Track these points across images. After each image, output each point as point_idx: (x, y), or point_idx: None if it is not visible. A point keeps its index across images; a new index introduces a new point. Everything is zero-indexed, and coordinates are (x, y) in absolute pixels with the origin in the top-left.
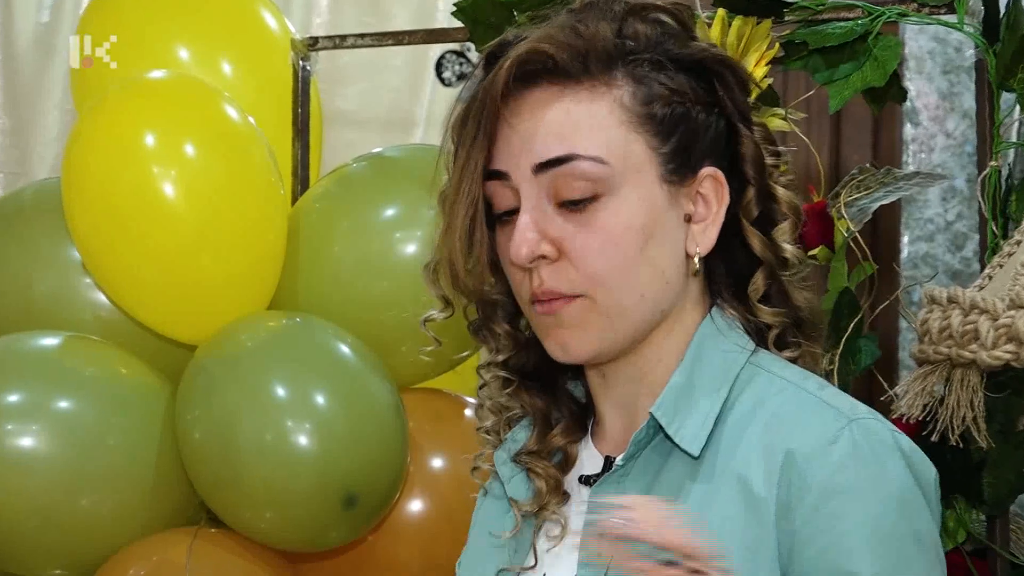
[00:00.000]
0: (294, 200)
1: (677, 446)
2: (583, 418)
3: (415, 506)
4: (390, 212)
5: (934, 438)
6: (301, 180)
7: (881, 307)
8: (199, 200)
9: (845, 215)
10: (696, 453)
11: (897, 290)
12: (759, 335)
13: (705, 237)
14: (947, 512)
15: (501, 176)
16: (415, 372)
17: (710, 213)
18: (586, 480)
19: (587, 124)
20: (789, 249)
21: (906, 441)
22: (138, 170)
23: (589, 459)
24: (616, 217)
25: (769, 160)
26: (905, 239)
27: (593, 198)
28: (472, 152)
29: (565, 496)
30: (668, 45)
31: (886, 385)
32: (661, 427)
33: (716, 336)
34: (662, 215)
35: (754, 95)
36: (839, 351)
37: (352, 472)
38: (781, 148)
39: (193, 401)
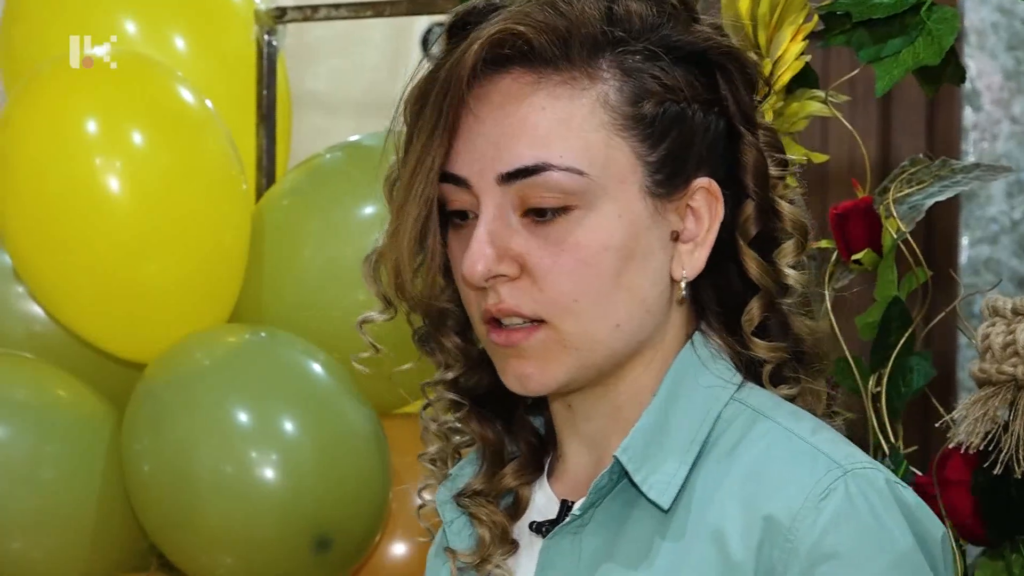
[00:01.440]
0: (258, 196)
1: (644, 496)
2: (540, 454)
3: (398, 550)
4: (368, 210)
5: (997, 470)
6: (266, 173)
7: (936, 320)
8: (147, 196)
9: (895, 214)
10: (666, 506)
11: (955, 300)
12: (750, 369)
13: (694, 259)
14: (1013, 556)
15: (459, 182)
16: (397, 395)
17: (701, 230)
18: (538, 528)
19: (564, 126)
20: (792, 275)
21: (910, 495)
22: (77, 161)
23: (544, 502)
24: (591, 235)
25: (774, 171)
26: (964, 241)
27: (565, 210)
28: (429, 147)
29: (513, 545)
30: (666, 30)
31: (942, 409)
32: (627, 473)
33: (697, 368)
34: (645, 233)
35: (786, 78)
36: (888, 371)
37: (324, 510)
38: (790, 157)
39: (141, 429)
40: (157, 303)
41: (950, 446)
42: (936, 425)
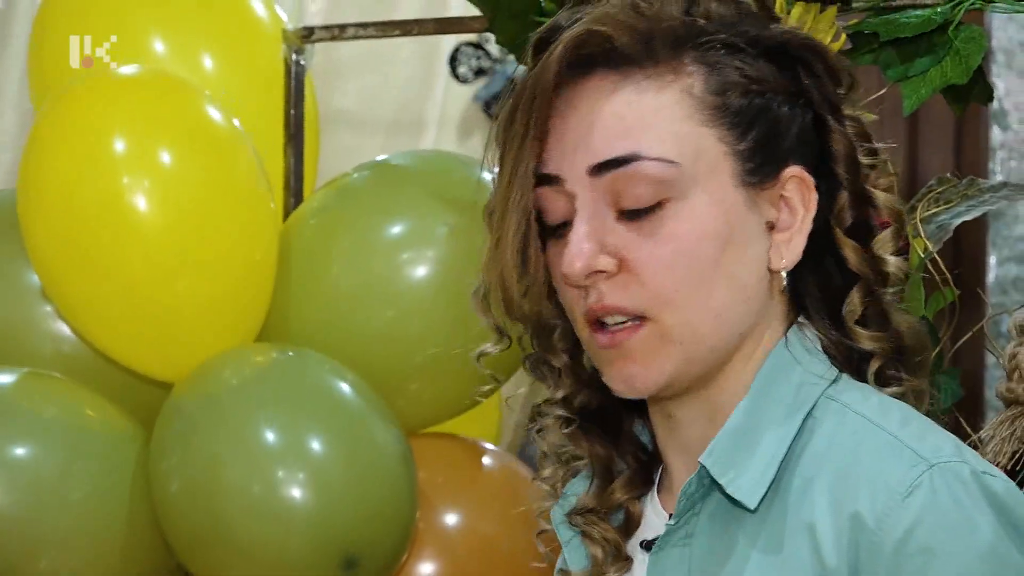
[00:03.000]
0: (286, 215)
1: (731, 499)
2: (649, 468)
3: (425, 569)
4: (396, 229)
5: None
6: (294, 192)
7: (964, 339)
8: (176, 215)
9: (922, 233)
10: (752, 506)
11: (982, 319)
12: (852, 365)
13: (791, 248)
14: None
15: (552, 180)
16: (425, 414)
17: (796, 220)
18: (647, 545)
19: (652, 118)
20: (892, 262)
21: (999, 483)
22: (105, 180)
23: (654, 518)
24: (687, 224)
25: (865, 159)
26: (992, 260)
27: (659, 204)
28: (522, 153)
29: (627, 562)
30: (745, 26)
31: (969, 429)
32: (713, 478)
33: (789, 365)
34: (740, 221)
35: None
36: None
37: (352, 530)
38: (879, 145)
39: (169, 448)
40: (185, 322)
41: None
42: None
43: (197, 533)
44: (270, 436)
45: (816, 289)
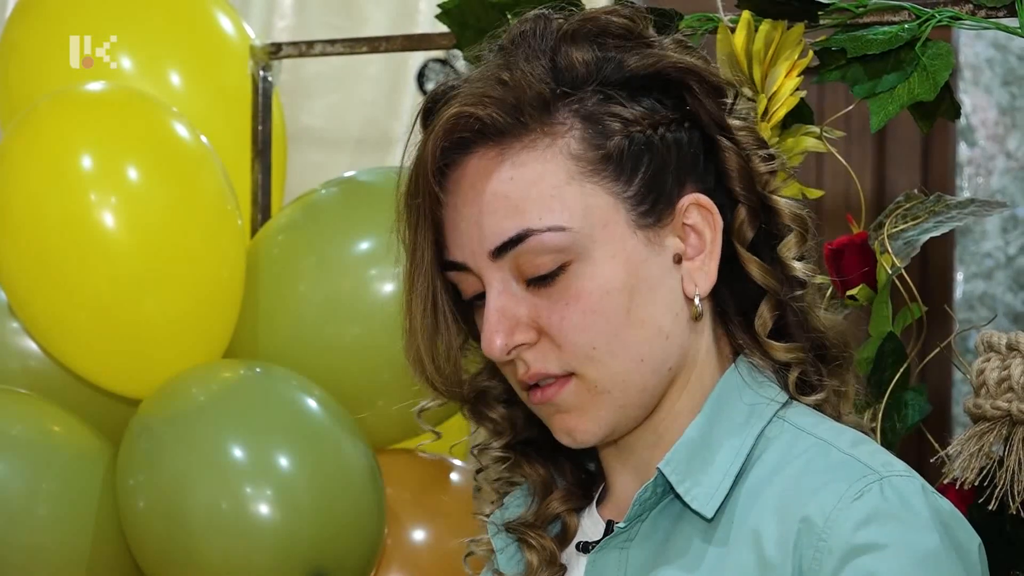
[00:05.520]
0: (253, 231)
1: (688, 507)
2: (589, 486)
3: None
4: (364, 246)
5: (992, 506)
6: (261, 208)
7: (931, 355)
8: (142, 232)
9: (889, 249)
10: (709, 515)
11: (949, 336)
12: (781, 377)
13: (704, 273)
14: None
15: (459, 267)
16: (393, 431)
17: (704, 244)
18: (584, 547)
19: (535, 189)
20: (798, 267)
21: (946, 505)
22: (72, 197)
23: (591, 526)
24: (591, 283)
25: (762, 167)
26: (959, 277)
27: (562, 268)
28: (418, 241)
29: (561, 569)
30: (609, 69)
31: (936, 445)
32: (671, 485)
33: (740, 387)
34: (643, 266)
35: (781, 114)
36: (883, 406)
37: (320, 546)
38: (773, 151)
39: (136, 464)
40: (152, 339)
41: (945, 482)
42: (931, 460)
43: (164, 550)
44: (237, 452)
45: (735, 306)
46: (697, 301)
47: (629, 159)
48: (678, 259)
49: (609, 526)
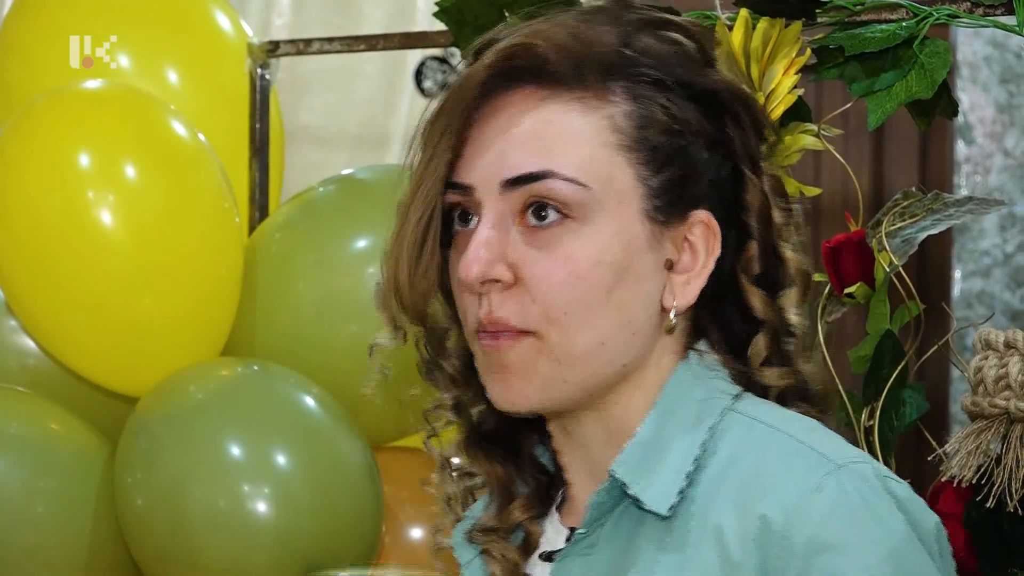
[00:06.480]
0: (251, 230)
1: (644, 507)
2: (550, 490)
3: None
4: (361, 244)
5: (990, 504)
6: (259, 206)
7: (929, 353)
8: (140, 230)
9: (887, 247)
10: (664, 512)
11: (947, 333)
12: (752, 389)
13: (686, 291)
14: None
15: (463, 189)
16: (390, 428)
17: (696, 264)
18: (548, 557)
19: (570, 139)
20: (796, 320)
21: (902, 488)
22: (70, 195)
23: (554, 534)
24: (586, 248)
25: (778, 216)
26: (957, 274)
27: (562, 224)
28: (436, 152)
29: None
30: (679, 67)
31: (934, 443)
32: (625, 487)
33: (691, 383)
34: (640, 256)
35: (779, 112)
36: (880, 404)
37: (317, 544)
38: (794, 206)
39: (134, 462)
40: (150, 337)
41: (943, 479)
42: (929, 458)
43: (162, 547)
44: (235, 450)
45: (717, 329)
46: (673, 315)
47: (663, 152)
48: (669, 265)
49: (570, 534)
